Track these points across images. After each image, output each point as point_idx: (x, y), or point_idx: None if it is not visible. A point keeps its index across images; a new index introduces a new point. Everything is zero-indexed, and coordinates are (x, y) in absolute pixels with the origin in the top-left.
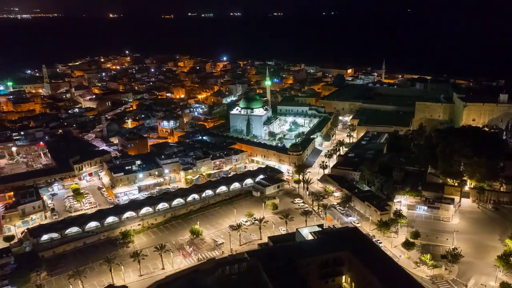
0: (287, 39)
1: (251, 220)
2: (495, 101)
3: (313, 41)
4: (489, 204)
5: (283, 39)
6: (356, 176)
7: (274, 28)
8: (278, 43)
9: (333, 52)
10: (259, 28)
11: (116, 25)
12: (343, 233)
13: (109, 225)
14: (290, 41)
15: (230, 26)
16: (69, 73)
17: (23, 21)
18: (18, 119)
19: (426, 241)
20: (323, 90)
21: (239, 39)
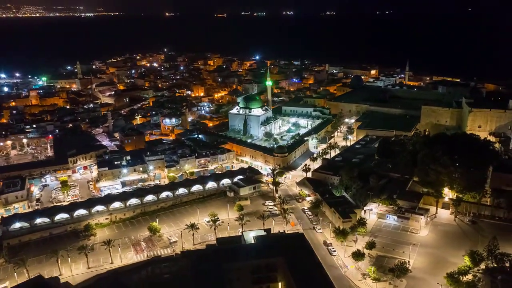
0: (325, 38)
1: (213, 220)
2: (504, 107)
3: (351, 41)
4: (467, 217)
5: (322, 39)
6: (336, 180)
7: (320, 27)
8: (314, 43)
9: (368, 52)
10: (306, 27)
11: (169, 23)
12: (286, 239)
13: (78, 217)
14: (326, 40)
15: (278, 25)
16: (104, 69)
17: (86, 19)
18: (38, 113)
19: (382, 253)
20: (338, 91)
21: (280, 38)
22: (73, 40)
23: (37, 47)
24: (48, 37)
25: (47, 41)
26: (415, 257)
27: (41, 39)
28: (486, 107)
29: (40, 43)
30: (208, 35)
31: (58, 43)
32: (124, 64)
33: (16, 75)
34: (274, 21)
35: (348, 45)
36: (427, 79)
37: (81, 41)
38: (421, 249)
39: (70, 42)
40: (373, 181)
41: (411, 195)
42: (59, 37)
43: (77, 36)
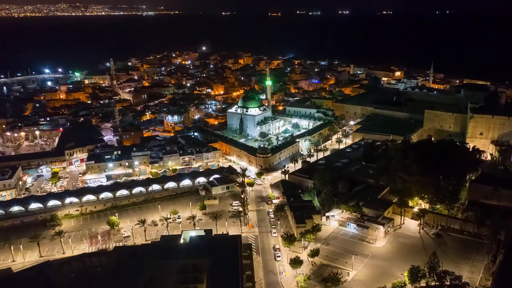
0: (368, 38)
1: (174, 218)
2: (509, 114)
3: (392, 42)
4: (433, 230)
5: (364, 39)
6: (310, 184)
7: (368, 27)
8: (355, 43)
9: (406, 53)
10: (356, 26)
11: (223, 22)
12: (220, 241)
13: (50, 207)
14: (367, 40)
15: (332, 24)
16: (138, 66)
17: (147, 17)
18: (59, 106)
19: (327, 261)
20: (354, 92)
21: (322, 38)
22: (126, 37)
23: (90, 44)
24: (105, 35)
25: (102, 38)
26: (360, 268)
27: (99, 36)
28: (489, 113)
29: (95, 40)
30: (255, 34)
31: (111, 40)
32: (159, 62)
33: (59, 70)
34: (328, 20)
35: (388, 46)
36: (456, 82)
37: (133, 39)
38: (371, 260)
39: (121, 40)
40: (342, 186)
41: (379, 203)
42: (115, 35)
43: (130, 34)
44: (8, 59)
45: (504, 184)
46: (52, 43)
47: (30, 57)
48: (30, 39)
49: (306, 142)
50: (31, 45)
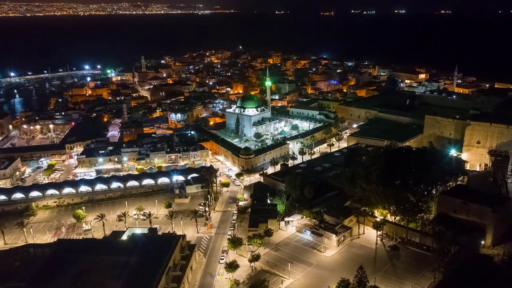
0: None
1: (139, 214)
2: (509, 122)
3: (436, 43)
4: (391, 242)
5: (412, 39)
6: (282, 187)
7: (423, 27)
8: (395, 43)
9: (447, 55)
10: (411, 26)
11: (275, 21)
12: (159, 239)
13: (31, 198)
14: (409, 41)
15: (385, 23)
16: (171, 64)
17: (202, 16)
18: (80, 102)
19: (267, 267)
20: (368, 94)
21: (365, 38)
22: (173, 35)
23: (138, 42)
24: (155, 33)
25: (151, 36)
26: (298, 277)
27: (150, 34)
28: (487, 120)
29: (145, 38)
30: (299, 33)
31: (159, 38)
32: (193, 60)
33: (97, 67)
34: (382, 19)
35: (432, 46)
36: (486, 86)
37: (179, 37)
38: (314, 269)
39: (167, 37)
40: (307, 192)
41: (341, 211)
42: (164, 33)
43: (180, 32)
44: (57, 55)
45: (474, 198)
46: (103, 40)
47: (78, 54)
48: (84, 36)
49: (298, 144)
50: (82, 42)
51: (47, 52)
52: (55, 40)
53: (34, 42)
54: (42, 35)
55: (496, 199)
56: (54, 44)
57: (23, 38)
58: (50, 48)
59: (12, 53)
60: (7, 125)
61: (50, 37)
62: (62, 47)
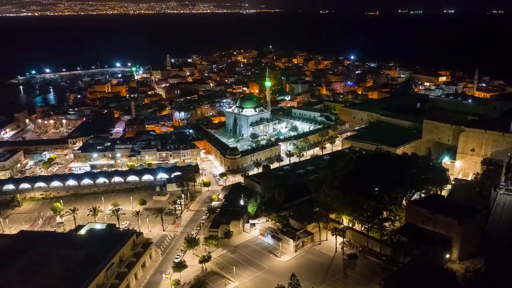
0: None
1: (115, 210)
2: (505, 129)
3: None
4: (351, 250)
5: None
6: (259, 189)
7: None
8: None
9: (473, 57)
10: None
11: (315, 21)
12: (112, 236)
13: (21, 189)
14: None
15: (431, 23)
16: (197, 63)
17: (246, 15)
18: (98, 98)
19: (217, 269)
20: (380, 96)
21: (400, 38)
22: (209, 34)
23: (172, 40)
24: (193, 31)
25: (187, 35)
26: (245, 280)
27: (188, 32)
28: (481, 127)
29: (182, 36)
30: (336, 33)
31: (194, 37)
32: (219, 59)
33: (128, 64)
34: (429, 19)
35: (471, 48)
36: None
37: (216, 36)
38: (264, 274)
39: (202, 36)
40: (277, 195)
41: (309, 216)
42: (201, 32)
43: (218, 31)
44: (93, 53)
45: (443, 209)
46: (143, 39)
47: (114, 52)
48: (125, 34)
49: (291, 146)
50: (121, 40)
51: (84, 50)
52: (95, 38)
53: (75, 39)
54: (84, 33)
55: (468, 211)
56: (93, 42)
57: (67, 36)
58: (88, 46)
59: (51, 50)
60: (24, 119)
61: (92, 35)
62: (99, 45)
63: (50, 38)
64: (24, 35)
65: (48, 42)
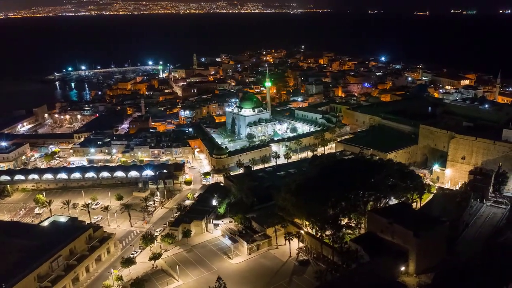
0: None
1: (94, 204)
2: (497, 138)
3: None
4: (306, 256)
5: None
6: (234, 189)
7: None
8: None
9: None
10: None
11: (361, 21)
12: (71, 229)
13: (15, 180)
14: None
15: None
16: (226, 62)
17: (294, 15)
18: (117, 95)
19: (166, 267)
20: (393, 99)
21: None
22: (249, 33)
23: (211, 39)
24: (237, 31)
25: (226, 34)
26: (189, 281)
27: (232, 32)
28: (472, 134)
29: (222, 36)
30: (378, 34)
31: (233, 36)
32: (248, 59)
33: (160, 62)
34: (482, 20)
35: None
36: None
37: (256, 35)
38: (211, 275)
39: (243, 35)
40: (245, 196)
41: (268, 219)
42: (247, 32)
43: (260, 30)
44: (130, 51)
45: (404, 219)
46: (182, 37)
47: (151, 50)
48: (164, 33)
49: (283, 148)
50: (160, 38)
51: (123, 48)
52: (138, 36)
53: (118, 38)
54: (131, 32)
55: (431, 223)
56: (136, 41)
57: (113, 35)
58: (128, 44)
59: (91, 48)
60: (42, 113)
61: (135, 34)
62: (140, 43)
63: (94, 37)
64: (73, 33)
65: (91, 40)
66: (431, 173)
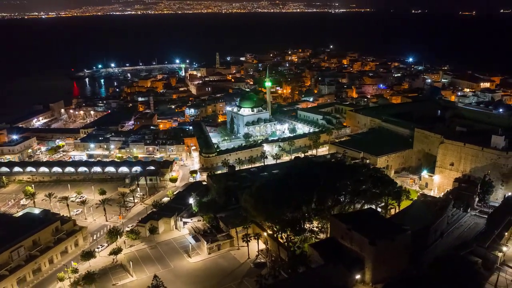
0: None
1: (78, 197)
2: (486, 144)
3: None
4: (263, 258)
5: None
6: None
7: None
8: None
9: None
10: None
11: (403, 20)
12: (37, 220)
13: (14, 172)
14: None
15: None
16: (250, 61)
17: (335, 15)
18: (134, 92)
19: (125, 263)
20: (403, 101)
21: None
22: (281, 33)
23: (241, 37)
24: (271, 30)
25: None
26: (143, 277)
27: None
28: (461, 139)
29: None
30: (414, 34)
31: (266, 35)
32: (271, 58)
33: (186, 61)
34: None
35: None
36: None
37: (289, 34)
38: (165, 273)
39: (273, 35)
40: (217, 196)
41: (235, 219)
42: (276, 30)
43: (291, 30)
44: (163, 49)
45: (364, 226)
46: (218, 36)
47: (181, 48)
48: (196, 33)
49: (276, 148)
50: (195, 38)
51: (156, 46)
52: (173, 35)
53: (152, 36)
54: (166, 31)
55: (392, 231)
56: (166, 39)
57: (149, 33)
58: (161, 42)
59: (124, 46)
60: (59, 109)
61: (168, 33)
62: (172, 42)
63: (131, 35)
64: (113, 31)
65: (127, 39)
66: (420, 179)
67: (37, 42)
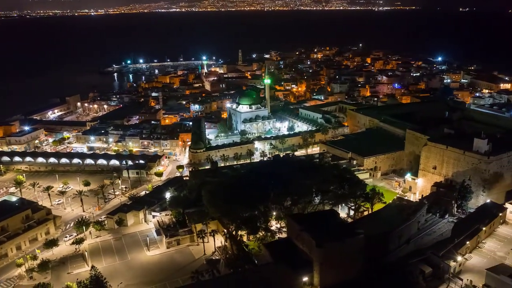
0: None
1: (65, 188)
2: (469, 147)
3: None
4: (218, 255)
5: None
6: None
7: None
8: None
9: None
10: None
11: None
12: (13, 208)
13: (14, 162)
14: None
15: None
16: (274, 59)
17: (378, 13)
18: (150, 87)
19: (85, 252)
20: (412, 101)
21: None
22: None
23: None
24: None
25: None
26: (99, 267)
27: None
28: (443, 142)
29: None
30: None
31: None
32: (297, 55)
33: (213, 58)
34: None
35: None
36: None
37: (324, 32)
38: (120, 265)
39: (304, 33)
40: (187, 192)
41: (200, 215)
42: (302, 29)
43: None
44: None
45: (317, 227)
46: (254, 34)
47: (214, 45)
48: (230, 31)
49: (268, 146)
50: (228, 35)
51: (187, 43)
52: (210, 32)
53: (187, 33)
54: (205, 28)
55: (346, 234)
56: (201, 36)
57: (186, 30)
58: (194, 40)
59: (157, 42)
60: (74, 102)
61: (204, 31)
62: (204, 39)
63: (166, 31)
64: (150, 28)
65: (162, 35)
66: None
67: (82, 37)
